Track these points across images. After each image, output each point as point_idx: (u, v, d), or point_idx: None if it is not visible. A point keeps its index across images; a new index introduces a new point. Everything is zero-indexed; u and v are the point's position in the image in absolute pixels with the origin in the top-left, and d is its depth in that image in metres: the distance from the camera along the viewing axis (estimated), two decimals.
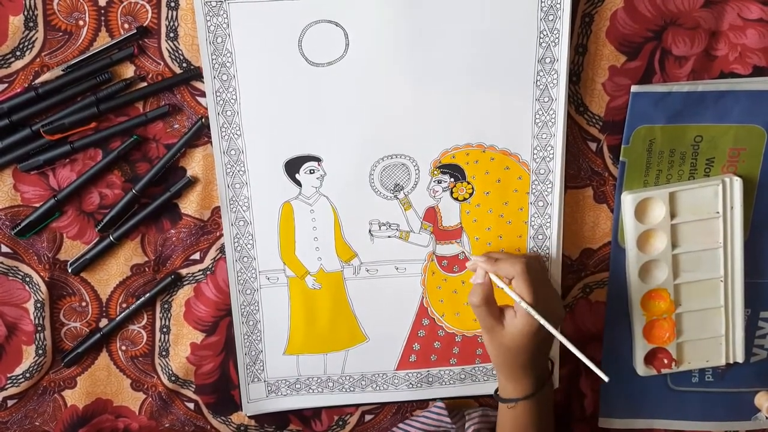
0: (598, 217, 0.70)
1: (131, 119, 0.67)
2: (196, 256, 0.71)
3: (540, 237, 0.69)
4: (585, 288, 0.72)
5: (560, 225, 0.68)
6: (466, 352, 0.73)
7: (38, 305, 0.71)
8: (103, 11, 0.64)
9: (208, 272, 0.71)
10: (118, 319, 0.72)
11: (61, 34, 0.65)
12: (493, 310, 0.62)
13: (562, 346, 0.71)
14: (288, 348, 0.73)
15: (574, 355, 0.73)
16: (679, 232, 0.68)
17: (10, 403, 0.74)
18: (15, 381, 0.73)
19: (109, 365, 0.74)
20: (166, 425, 0.76)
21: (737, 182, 0.66)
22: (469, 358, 0.73)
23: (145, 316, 0.73)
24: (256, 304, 0.72)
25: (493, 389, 0.74)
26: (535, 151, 0.67)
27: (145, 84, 0.66)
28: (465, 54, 0.64)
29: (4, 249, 0.70)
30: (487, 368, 0.74)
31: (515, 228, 0.69)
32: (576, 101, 0.67)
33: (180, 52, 0.65)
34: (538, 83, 0.65)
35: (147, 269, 0.71)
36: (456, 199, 0.69)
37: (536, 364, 0.62)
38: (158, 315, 0.73)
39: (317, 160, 0.68)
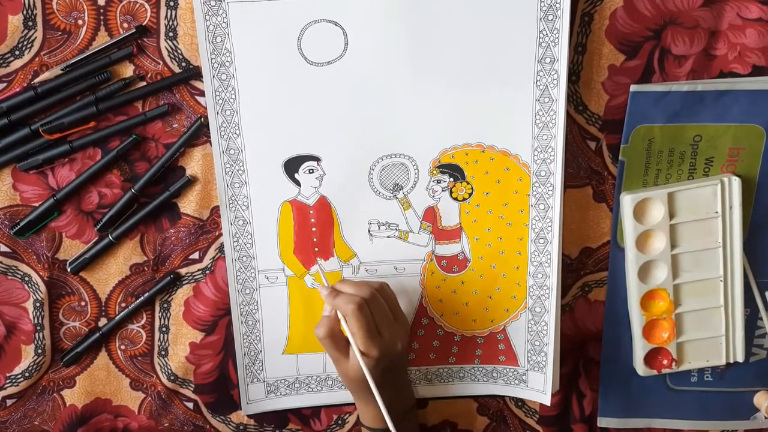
0: (598, 216, 0.70)
1: (130, 119, 0.67)
2: (195, 255, 0.71)
3: (541, 241, 0.69)
4: (584, 287, 0.72)
5: (560, 228, 0.68)
6: (465, 351, 0.73)
7: (37, 305, 0.71)
8: (102, 10, 0.64)
9: (207, 272, 0.71)
10: (117, 318, 0.72)
11: (60, 33, 0.65)
12: (338, 342, 0.63)
13: (563, 344, 0.72)
14: (287, 347, 0.73)
15: (574, 355, 0.74)
16: (678, 232, 0.68)
17: (9, 402, 0.74)
18: (14, 380, 0.73)
19: (108, 365, 0.74)
20: (166, 425, 0.76)
21: (736, 182, 0.66)
22: (468, 358, 0.73)
23: (145, 316, 0.73)
24: (255, 303, 0.72)
25: (492, 391, 0.75)
26: (536, 153, 0.67)
27: (144, 83, 0.66)
28: (464, 53, 0.64)
29: (3, 248, 0.70)
30: (486, 369, 0.74)
31: (516, 230, 0.69)
32: (575, 100, 0.67)
33: (179, 51, 0.65)
34: (538, 83, 0.65)
35: (146, 269, 0.71)
36: (455, 199, 0.69)
37: (388, 394, 0.62)
38: (157, 314, 0.73)
39: (316, 159, 0.68)
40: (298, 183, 0.68)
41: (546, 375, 0.71)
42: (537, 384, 0.72)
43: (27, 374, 0.73)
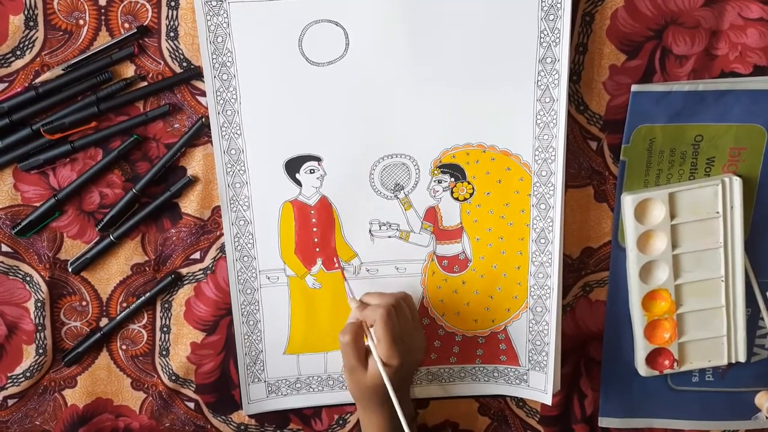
0: (599, 216, 0.70)
1: (131, 119, 0.67)
2: (197, 255, 0.71)
3: (542, 241, 0.69)
4: (585, 287, 0.72)
5: (562, 228, 0.68)
6: (466, 351, 0.73)
7: (38, 304, 0.71)
8: (103, 10, 0.64)
9: (209, 272, 0.71)
10: (118, 318, 0.72)
11: (61, 33, 0.65)
12: (359, 350, 0.63)
13: (564, 344, 0.72)
14: (288, 347, 0.73)
15: (575, 355, 0.74)
16: (679, 233, 0.68)
17: (10, 402, 0.74)
18: (15, 380, 0.73)
19: (110, 365, 0.74)
20: (167, 424, 0.76)
21: (737, 182, 0.66)
22: (469, 358, 0.73)
23: (146, 316, 0.73)
24: (256, 303, 0.72)
25: (493, 391, 0.74)
26: (537, 153, 0.67)
27: (145, 83, 0.66)
28: (465, 53, 0.64)
29: (5, 248, 0.71)
30: (487, 369, 0.74)
31: (517, 230, 0.69)
32: (576, 100, 0.67)
33: (180, 51, 0.65)
34: (539, 83, 0.64)
35: (147, 269, 0.71)
36: (456, 199, 0.69)
37: (399, 403, 0.63)
38: (158, 314, 0.73)
39: (317, 159, 0.68)
40: (299, 183, 0.68)
41: (547, 374, 0.71)
42: (538, 383, 0.72)
43: (28, 374, 0.73)
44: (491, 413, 0.77)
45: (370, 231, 0.70)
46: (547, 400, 0.72)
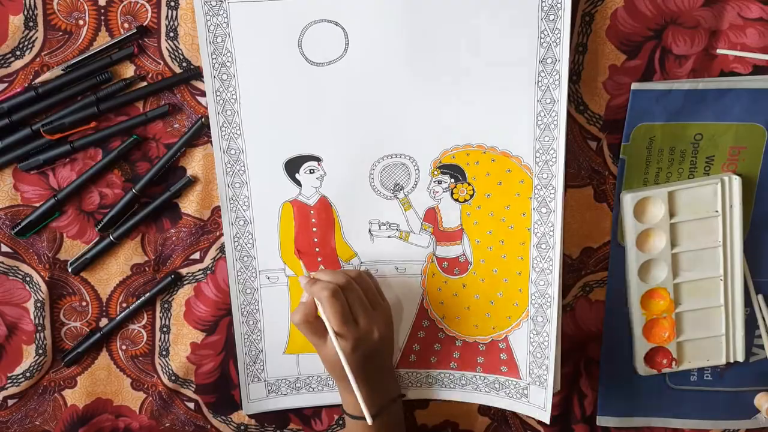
0: (599, 216, 0.70)
1: (131, 119, 0.67)
2: (196, 255, 0.71)
3: (543, 246, 0.68)
4: (585, 287, 0.72)
5: (562, 232, 0.67)
6: (466, 357, 0.73)
7: (38, 305, 0.71)
8: (103, 11, 0.64)
9: (208, 272, 0.71)
10: (118, 318, 0.72)
11: (61, 33, 0.65)
12: (316, 328, 0.63)
13: (564, 344, 0.72)
14: (288, 347, 0.73)
15: (575, 354, 0.74)
16: (679, 231, 0.68)
17: (10, 402, 0.74)
18: (15, 380, 0.73)
19: (110, 365, 0.74)
20: (167, 425, 0.76)
21: (736, 181, 0.66)
22: (470, 365, 0.73)
23: (145, 316, 0.73)
24: (256, 303, 0.72)
25: (494, 403, 0.74)
26: (537, 155, 0.66)
27: (145, 83, 0.66)
28: (465, 54, 0.64)
29: (4, 249, 0.70)
30: (488, 379, 0.73)
31: (517, 233, 0.68)
32: (576, 100, 0.67)
33: (180, 51, 0.65)
34: (540, 84, 0.64)
35: (147, 269, 0.71)
36: (456, 200, 0.69)
37: (368, 381, 0.63)
38: (158, 314, 0.73)
39: (317, 159, 0.68)
40: (298, 183, 0.68)
41: (546, 390, 0.69)
42: (538, 400, 0.70)
43: (28, 374, 0.73)
44: (491, 413, 0.77)
45: (369, 231, 0.70)
46: (546, 418, 0.69)
